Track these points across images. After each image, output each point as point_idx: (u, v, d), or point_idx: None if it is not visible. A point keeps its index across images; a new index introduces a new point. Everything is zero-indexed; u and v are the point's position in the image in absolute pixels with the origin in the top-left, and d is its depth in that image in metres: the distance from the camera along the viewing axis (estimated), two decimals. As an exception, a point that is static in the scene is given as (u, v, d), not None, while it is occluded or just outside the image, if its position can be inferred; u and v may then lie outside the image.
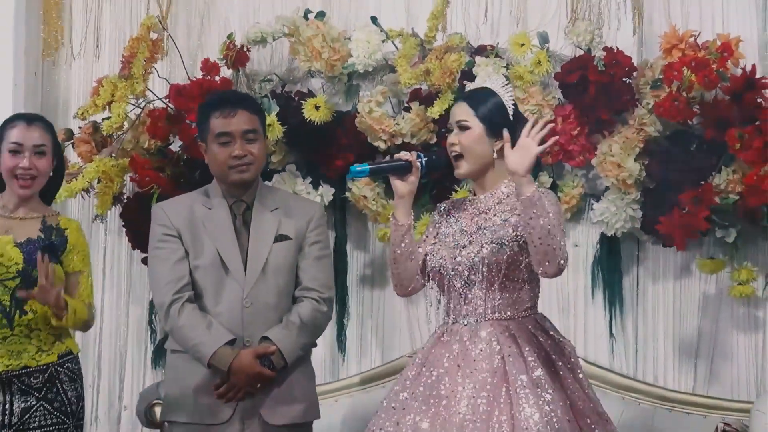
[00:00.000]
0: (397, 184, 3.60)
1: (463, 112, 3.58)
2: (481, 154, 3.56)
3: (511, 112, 3.62)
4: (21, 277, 3.85)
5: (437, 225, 3.73)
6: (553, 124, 3.43)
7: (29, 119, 4.07)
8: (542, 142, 3.49)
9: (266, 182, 4.40)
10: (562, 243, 3.50)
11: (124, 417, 5.07)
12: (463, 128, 3.56)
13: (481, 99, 3.59)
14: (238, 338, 3.82)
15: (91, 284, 4.10)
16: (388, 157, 4.25)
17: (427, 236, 3.74)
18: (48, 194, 4.13)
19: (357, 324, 4.90)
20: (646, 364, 4.66)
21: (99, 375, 5.11)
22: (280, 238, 3.90)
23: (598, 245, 4.65)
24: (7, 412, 3.90)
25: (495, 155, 3.57)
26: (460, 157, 3.58)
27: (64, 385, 3.96)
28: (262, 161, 4.01)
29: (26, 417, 3.90)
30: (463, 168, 3.58)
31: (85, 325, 4.09)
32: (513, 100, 3.67)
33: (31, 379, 3.91)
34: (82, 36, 5.15)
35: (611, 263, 4.67)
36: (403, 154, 3.64)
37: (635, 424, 4.36)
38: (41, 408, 3.92)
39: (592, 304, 4.69)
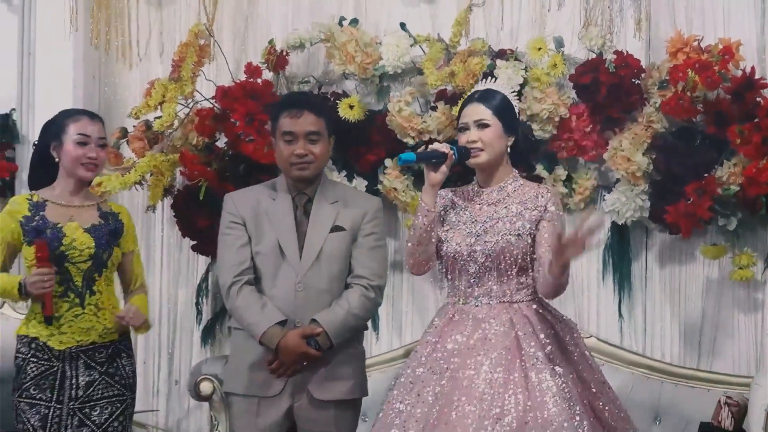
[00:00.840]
0: (431, 173, 3.65)
1: (481, 112, 3.66)
2: (498, 148, 3.65)
3: (517, 112, 3.73)
4: (92, 260, 3.95)
5: (443, 212, 3.76)
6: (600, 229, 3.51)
7: (90, 114, 4.11)
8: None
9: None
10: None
11: (176, 390, 5.14)
12: (483, 126, 3.64)
13: (495, 100, 3.70)
14: (289, 320, 3.86)
15: (141, 262, 4.16)
16: (423, 147, 4.26)
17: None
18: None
19: (389, 305, 4.92)
20: (653, 342, 4.70)
21: (159, 352, 5.17)
22: (335, 228, 3.94)
23: (609, 233, 4.70)
24: (74, 386, 3.96)
25: (508, 149, 3.66)
26: (480, 150, 3.65)
27: (123, 361, 4.05)
28: (324, 160, 4.02)
29: (90, 390, 3.97)
30: (482, 158, 3.64)
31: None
32: (516, 101, 3.76)
33: (96, 354, 3.98)
34: (137, 41, 5.13)
35: (621, 249, 4.70)
36: (439, 146, 3.69)
37: (644, 397, 4.46)
38: (103, 381, 3.99)
39: (603, 287, 4.73)
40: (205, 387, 4.49)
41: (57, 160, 4.04)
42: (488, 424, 3.39)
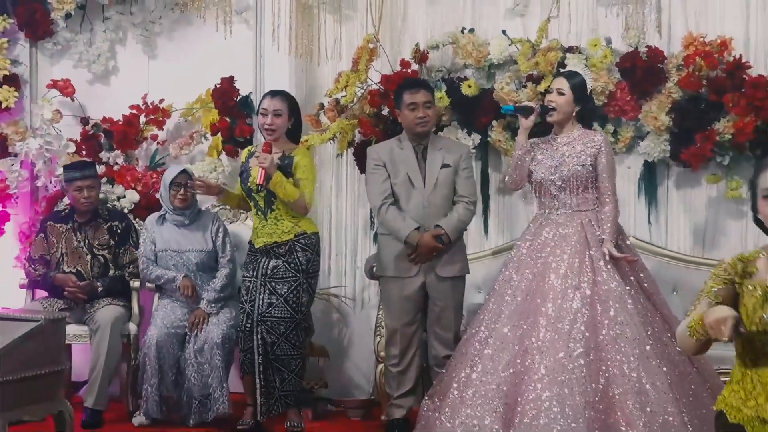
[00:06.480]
0: (523, 121, 4.59)
1: (562, 83, 4.62)
2: (568, 111, 4.62)
3: (589, 89, 4.77)
4: (266, 191, 4.87)
5: (531, 152, 4.65)
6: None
7: (273, 93, 4.82)
8: None
9: (438, 133, 5.42)
10: (616, 198, 4.44)
11: (358, 274, 6.08)
12: (561, 94, 4.61)
13: (574, 77, 4.66)
14: (421, 226, 4.84)
15: (311, 189, 4.82)
16: (520, 103, 4.93)
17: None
18: (293, 137, 4.97)
19: (495, 216, 5.83)
20: (672, 240, 5.54)
21: (347, 248, 6.09)
22: (444, 166, 4.86)
23: (642, 167, 5.52)
24: (264, 267, 4.89)
25: (574, 114, 4.63)
26: (553, 110, 4.58)
27: (297, 254, 4.89)
28: (435, 120, 4.94)
29: (275, 270, 4.88)
30: (555, 117, 4.59)
31: (298, 207, 4.82)
32: (591, 82, 4.73)
33: (279, 249, 4.88)
34: (329, 47, 5.93)
35: (650, 178, 5.52)
36: (528, 103, 4.68)
37: (666, 276, 5.25)
38: (283, 266, 4.88)
39: (638, 203, 5.56)
40: (375, 269, 5.26)
41: None
42: (570, 292, 4.32)
